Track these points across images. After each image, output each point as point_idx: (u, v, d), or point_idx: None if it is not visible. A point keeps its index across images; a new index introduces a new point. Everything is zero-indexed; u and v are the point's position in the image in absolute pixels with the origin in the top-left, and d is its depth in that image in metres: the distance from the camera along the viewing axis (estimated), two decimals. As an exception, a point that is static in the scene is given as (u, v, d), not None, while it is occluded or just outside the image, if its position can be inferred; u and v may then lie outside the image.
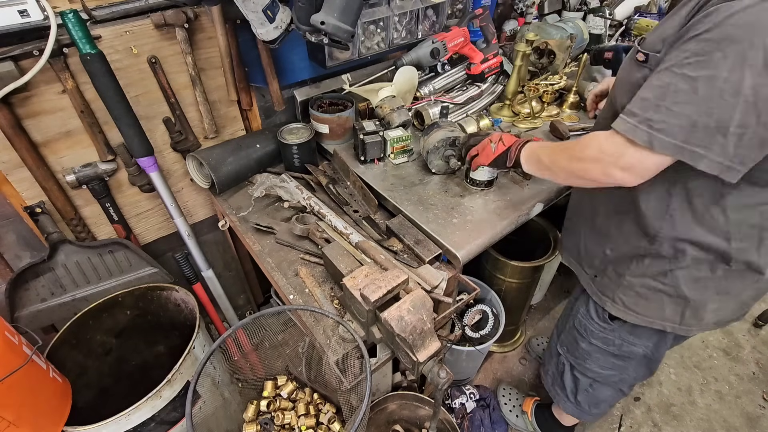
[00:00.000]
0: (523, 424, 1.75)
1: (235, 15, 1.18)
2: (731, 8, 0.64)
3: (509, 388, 1.86)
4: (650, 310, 1.04)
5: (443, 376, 0.86)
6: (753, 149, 0.69)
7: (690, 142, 0.70)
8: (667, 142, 0.72)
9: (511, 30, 2.07)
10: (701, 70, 0.67)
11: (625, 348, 1.16)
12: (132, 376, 1.43)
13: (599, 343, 1.20)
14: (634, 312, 1.07)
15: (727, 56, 0.64)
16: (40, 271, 1.25)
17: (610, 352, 1.20)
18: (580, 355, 1.28)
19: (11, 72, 0.99)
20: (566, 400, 1.42)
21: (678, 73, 0.70)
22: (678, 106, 0.70)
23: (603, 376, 1.27)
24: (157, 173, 1.28)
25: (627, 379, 1.27)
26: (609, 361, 1.22)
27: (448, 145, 1.27)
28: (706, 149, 0.70)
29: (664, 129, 0.71)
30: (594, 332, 1.19)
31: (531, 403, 1.74)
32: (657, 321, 1.05)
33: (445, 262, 1.16)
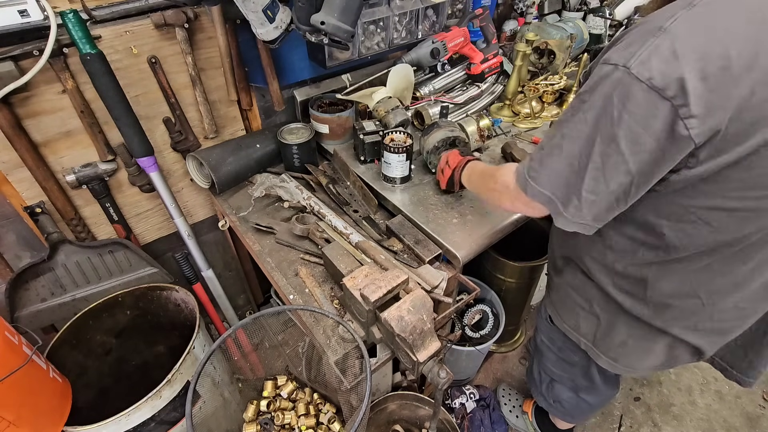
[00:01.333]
0: (524, 424, 1.75)
1: (235, 15, 1.18)
2: (600, 71, 0.65)
3: (509, 388, 1.86)
4: (568, 318, 1.07)
5: (443, 376, 0.86)
6: (603, 212, 0.71)
7: (555, 194, 0.73)
8: (537, 191, 0.75)
9: (511, 30, 2.07)
10: (567, 129, 0.70)
11: (565, 352, 1.19)
12: (132, 376, 1.43)
13: (547, 341, 1.24)
14: (559, 316, 1.10)
15: (587, 120, 0.66)
16: (40, 271, 1.25)
17: (554, 351, 1.23)
18: (538, 350, 1.32)
19: (11, 72, 0.99)
20: (537, 392, 1.45)
21: (557, 128, 0.73)
22: (549, 159, 0.73)
23: (557, 375, 1.30)
24: (157, 173, 1.28)
25: (581, 387, 1.26)
26: (558, 361, 1.25)
27: (448, 145, 1.26)
28: (564, 207, 0.73)
29: (536, 178, 0.75)
30: (543, 330, 1.24)
31: (531, 403, 1.74)
32: (572, 332, 1.07)
33: (445, 262, 1.16)
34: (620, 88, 0.61)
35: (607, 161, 0.65)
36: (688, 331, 0.89)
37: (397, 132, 1.29)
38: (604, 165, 0.66)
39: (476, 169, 1.07)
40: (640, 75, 0.59)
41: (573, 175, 0.70)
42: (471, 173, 1.09)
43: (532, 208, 0.80)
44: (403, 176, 1.29)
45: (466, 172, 1.10)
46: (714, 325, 0.87)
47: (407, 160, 1.26)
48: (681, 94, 0.57)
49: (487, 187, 0.96)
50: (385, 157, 1.26)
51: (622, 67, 0.61)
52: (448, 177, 1.15)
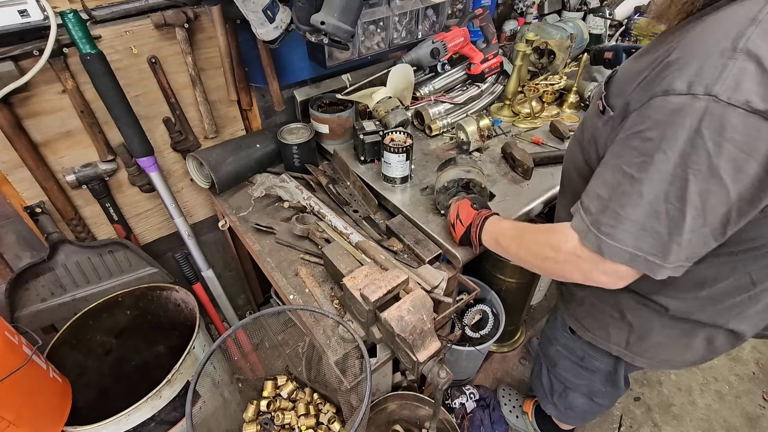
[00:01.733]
0: (524, 425, 1.75)
1: (235, 15, 1.18)
2: (668, 104, 0.60)
3: (509, 388, 1.86)
4: (597, 330, 1.02)
5: (443, 376, 0.86)
6: (700, 249, 0.65)
7: (642, 249, 0.65)
8: (618, 249, 0.66)
9: (511, 30, 2.07)
10: (644, 172, 0.63)
11: (587, 360, 1.14)
12: (132, 376, 1.43)
13: (564, 351, 1.19)
14: (584, 328, 1.05)
15: (669, 159, 0.60)
16: (40, 271, 1.25)
17: (574, 361, 1.18)
18: (551, 360, 1.27)
19: (11, 72, 0.99)
20: (546, 400, 1.42)
21: (624, 172, 0.65)
22: (623, 210, 0.65)
23: (572, 383, 1.25)
24: (157, 173, 1.28)
25: (597, 391, 1.23)
26: (576, 370, 1.19)
27: (461, 188, 1.16)
28: (663, 259, 0.65)
29: (612, 234, 0.66)
30: (559, 340, 1.19)
31: (531, 404, 1.74)
32: (603, 342, 1.02)
33: (445, 262, 1.16)
34: (708, 117, 0.57)
35: (708, 197, 0.60)
36: (734, 319, 0.86)
37: (397, 132, 1.29)
38: (704, 202, 0.60)
39: (505, 232, 0.93)
40: (733, 101, 0.55)
41: (663, 222, 0.63)
42: (498, 236, 0.94)
43: (615, 275, 0.70)
44: (403, 176, 1.29)
45: (488, 234, 0.97)
46: (759, 308, 0.85)
47: (407, 160, 1.26)
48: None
49: (544, 259, 0.80)
50: (385, 157, 1.26)
51: (705, 95, 0.56)
52: (461, 235, 1.04)
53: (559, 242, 0.75)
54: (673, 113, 0.60)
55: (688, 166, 0.59)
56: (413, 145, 1.27)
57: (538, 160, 1.35)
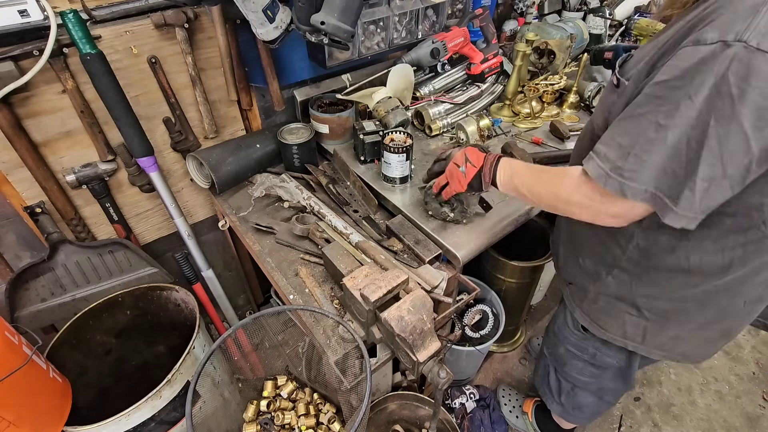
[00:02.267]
0: (524, 425, 1.75)
1: (235, 15, 1.18)
2: (697, 53, 0.61)
3: (509, 388, 1.86)
4: (612, 327, 1.03)
5: (443, 376, 0.86)
6: (716, 199, 0.67)
7: (661, 189, 0.68)
8: (639, 190, 0.69)
9: (511, 30, 2.07)
10: (670, 118, 0.65)
11: (599, 358, 1.15)
12: (132, 376, 1.43)
13: (574, 350, 1.19)
14: (598, 326, 1.06)
15: (695, 104, 0.62)
16: (40, 271, 1.25)
17: (584, 359, 1.19)
18: (559, 359, 1.28)
19: (11, 72, 0.99)
20: (552, 400, 1.42)
21: (649, 121, 0.67)
22: (648, 155, 0.67)
23: (582, 381, 1.26)
24: (157, 173, 1.28)
25: (606, 389, 1.24)
26: (586, 368, 1.21)
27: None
28: (674, 202, 0.67)
29: (634, 177, 0.69)
30: (569, 339, 1.19)
31: (531, 404, 1.74)
32: (619, 338, 1.03)
33: (445, 262, 1.16)
34: (736, 64, 0.57)
35: (726, 143, 0.61)
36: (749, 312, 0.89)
37: (397, 132, 1.29)
38: (722, 148, 0.61)
39: (520, 172, 0.92)
40: (762, 46, 0.56)
41: (682, 165, 0.65)
42: (513, 174, 0.93)
43: (628, 214, 0.73)
44: (403, 176, 1.29)
45: (504, 171, 0.95)
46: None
47: (407, 160, 1.26)
48: None
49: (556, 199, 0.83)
50: (385, 157, 1.26)
51: (736, 41, 0.57)
52: (472, 177, 0.99)
53: (573, 186, 0.79)
54: (702, 61, 0.60)
55: (712, 112, 0.60)
56: (413, 145, 1.27)
57: (538, 160, 1.36)
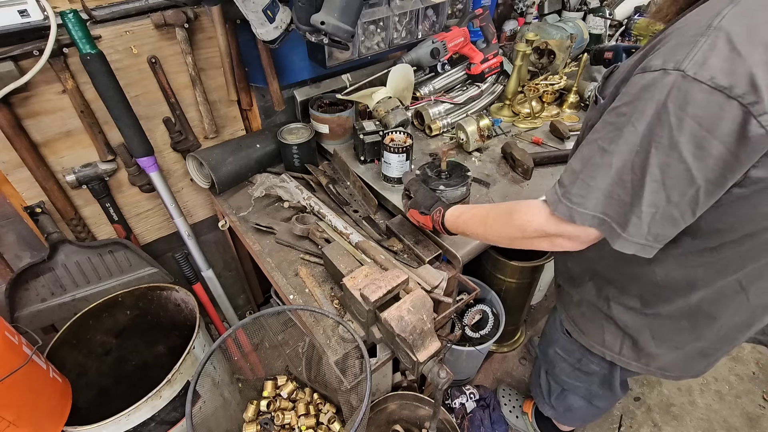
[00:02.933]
0: (524, 425, 1.75)
1: (235, 15, 1.18)
2: (642, 80, 0.62)
3: (509, 388, 1.86)
4: (592, 334, 1.03)
5: (443, 376, 0.86)
6: (666, 228, 0.66)
7: (608, 215, 0.67)
8: (587, 215, 0.69)
9: (511, 30, 2.07)
10: (614, 144, 0.65)
11: (584, 363, 1.14)
12: (132, 376, 1.43)
13: (562, 353, 1.19)
14: (580, 331, 1.06)
15: (636, 131, 0.62)
16: (40, 271, 1.25)
17: (571, 363, 1.18)
18: (550, 361, 1.27)
19: (11, 72, 0.99)
20: (543, 402, 1.42)
21: (598, 146, 0.68)
22: (593, 180, 0.67)
23: (570, 385, 1.25)
24: (157, 173, 1.28)
25: (595, 394, 1.23)
26: (573, 372, 1.20)
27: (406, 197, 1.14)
28: (622, 228, 0.67)
29: (582, 203, 0.69)
30: (558, 341, 1.19)
31: (531, 404, 1.74)
32: (597, 346, 1.03)
33: (445, 262, 1.16)
34: (675, 92, 0.58)
35: (668, 171, 0.61)
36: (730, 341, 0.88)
37: (397, 132, 1.29)
38: (664, 176, 0.61)
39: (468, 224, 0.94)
40: (698, 76, 0.56)
41: (627, 191, 0.65)
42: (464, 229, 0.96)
43: (579, 239, 0.73)
44: (403, 176, 1.29)
45: (454, 229, 0.99)
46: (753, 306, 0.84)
47: (407, 160, 1.26)
48: (751, 91, 0.54)
49: (512, 238, 0.84)
50: (385, 157, 1.26)
51: (674, 70, 0.57)
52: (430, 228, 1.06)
53: (524, 223, 0.79)
54: (644, 88, 0.61)
55: (652, 139, 0.61)
56: (413, 145, 1.27)
57: (538, 160, 1.35)
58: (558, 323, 1.17)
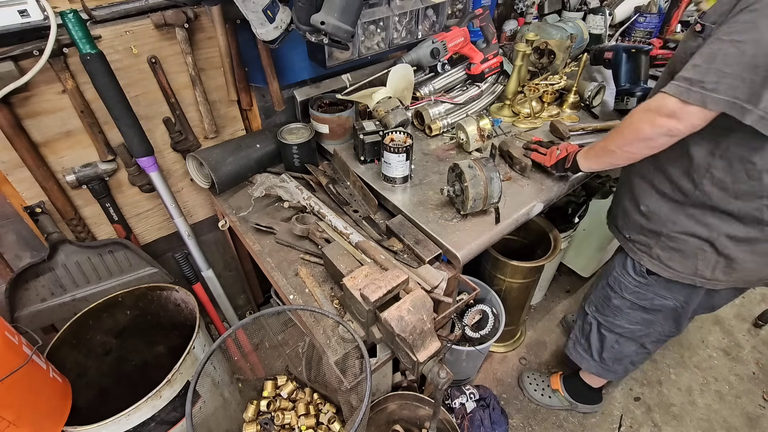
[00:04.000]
0: (558, 401, 1.81)
1: (235, 15, 1.18)
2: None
3: (531, 373, 1.92)
4: (685, 267, 1.13)
5: (443, 376, 0.86)
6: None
7: (739, 98, 0.79)
8: (720, 100, 0.80)
9: (511, 30, 2.07)
10: (747, 34, 0.76)
11: (656, 302, 1.26)
12: (132, 376, 1.43)
13: (632, 298, 1.29)
14: (668, 267, 1.16)
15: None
16: (40, 271, 1.25)
17: (641, 306, 1.29)
18: (610, 312, 1.38)
19: (11, 72, 0.99)
20: (590, 359, 1.52)
21: (726, 40, 0.79)
22: (729, 67, 0.78)
23: (630, 330, 1.37)
24: (157, 173, 1.28)
25: (653, 333, 1.36)
26: (638, 315, 1.32)
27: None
28: (753, 104, 0.78)
29: (716, 89, 0.80)
30: (628, 287, 1.29)
31: (558, 378, 1.81)
32: (689, 276, 1.14)
33: (445, 262, 1.16)
34: None
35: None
36: None
37: (397, 132, 1.29)
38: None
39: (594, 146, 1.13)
40: None
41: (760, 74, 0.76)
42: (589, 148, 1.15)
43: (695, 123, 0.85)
44: (403, 176, 1.29)
45: (581, 152, 1.18)
46: None
47: (407, 160, 1.26)
48: None
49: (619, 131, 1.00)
50: (385, 157, 1.26)
51: None
52: (561, 157, 1.23)
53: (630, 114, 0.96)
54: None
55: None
56: (413, 145, 1.27)
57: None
58: (629, 269, 1.27)
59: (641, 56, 1.57)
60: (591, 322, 1.47)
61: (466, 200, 1.13)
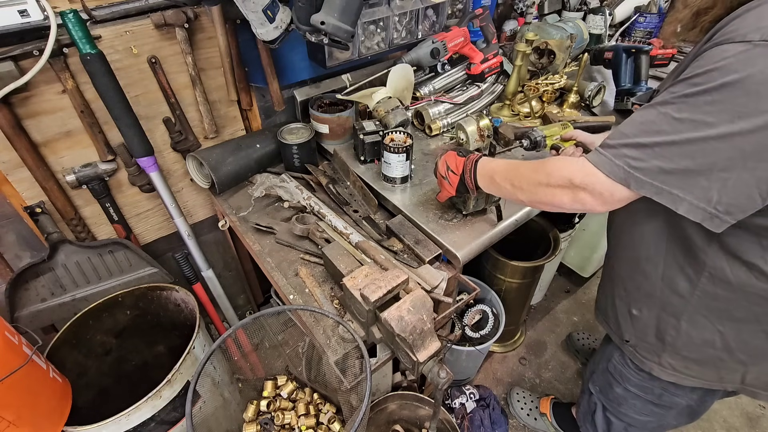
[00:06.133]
0: (544, 426, 1.75)
1: (235, 15, 1.18)
2: (724, 53, 0.61)
3: (522, 391, 1.86)
4: (704, 374, 0.94)
5: (443, 376, 0.86)
6: (738, 198, 0.63)
7: (669, 184, 0.66)
8: (645, 182, 0.68)
9: (511, 30, 2.07)
10: (685, 113, 0.63)
11: (665, 398, 1.06)
12: (132, 376, 1.43)
13: (637, 391, 1.10)
14: (687, 376, 0.97)
15: (716, 102, 0.61)
16: (40, 271, 1.25)
17: (648, 400, 1.10)
18: (614, 399, 1.18)
19: (11, 72, 0.99)
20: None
21: (662, 112, 0.66)
22: (659, 147, 0.66)
23: (640, 422, 1.17)
24: (157, 173, 1.28)
25: (666, 425, 1.16)
26: (647, 408, 1.12)
27: None
28: (687, 192, 0.65)
29: (642, 168, 0.67)
30: (630, 380, 1.10)
31: (548, 403, 1.75)
32: (715, 383, 0.95)
33: (445, 262, 1.16)
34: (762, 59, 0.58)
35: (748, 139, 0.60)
36: None
37: (397, 132, 1.29)
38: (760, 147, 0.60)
39: (499, 166, 0.95)
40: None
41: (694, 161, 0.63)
42: (493, 174, 0.95)
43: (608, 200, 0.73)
44: (403, 176, 1.29)
45: (483, 174, 0.98)
46: None
47: (407, 160, 1.26)
48: None
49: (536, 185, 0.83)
50: (385, 157, 1.26)
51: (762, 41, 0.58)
52: (457, 184, 1.04)
53: (555, 169, 0.80)
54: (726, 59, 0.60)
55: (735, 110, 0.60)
56: (413, 145, 1.27)
57: (519, 134, 1.35)
58: (629, 362, 1.08)
59: (641, 56, 1.57)
60: (596, 402, 1.27)
61: (467, 200, 1.13)
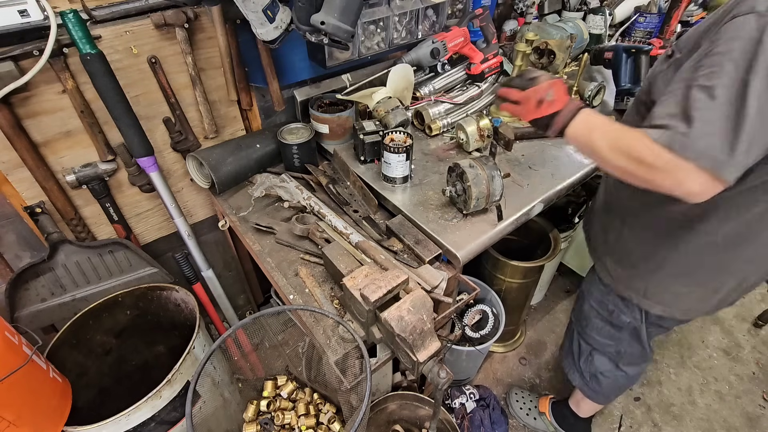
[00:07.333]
0: (543, 425, 1.76)
1: (235, 15, 1.18)
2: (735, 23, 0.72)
3: (521, 391, 1.87)
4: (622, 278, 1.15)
5: (443, 376, 0.86)
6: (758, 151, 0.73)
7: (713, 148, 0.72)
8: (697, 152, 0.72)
9: (511, 30, 2.07)
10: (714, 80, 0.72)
11: (615, 316, 1.24)
12: (132, 376, 1.43)
13: (597, 306, 1.29)
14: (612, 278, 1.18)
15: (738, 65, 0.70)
16: (40, 271, 1.25)
17: (603, 317, 1.28)
18: (583, 318, 1.37)
19: (11, 72, 0.99)
20: (574, 369, 1.49)
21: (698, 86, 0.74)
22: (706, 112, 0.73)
23: (599, 343, 1.35)
24: (157, 173, 1.28)
25: (623, 353, 1.32)
26: (605, 328, 1.30)
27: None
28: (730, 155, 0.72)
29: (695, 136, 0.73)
30: (593, 294, 1.29)
31: (547, 402, 1.76)
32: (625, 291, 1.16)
33: (445, 262, 1.16)
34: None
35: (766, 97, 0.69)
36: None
37: (397, 132, 1.29)
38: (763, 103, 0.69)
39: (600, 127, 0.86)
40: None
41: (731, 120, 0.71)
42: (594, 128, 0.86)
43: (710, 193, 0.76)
44: (403, 176, 1.29)
45: (584, 123, 0.88)
46: None
47: (407, 160, 1.26)
48: None
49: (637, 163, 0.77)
50: (385, 157, 1.26)
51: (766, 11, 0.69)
52: (546, 114, 0.92)
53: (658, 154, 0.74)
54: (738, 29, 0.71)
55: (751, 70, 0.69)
56: (413, 145, 1.27)
57: (519, 135, 1.35)
58: (596, 277, 1.27)
59: (641, 56, 1.57)
60: (573, 329, 1.47)
61: (468, 200, 1.13)
